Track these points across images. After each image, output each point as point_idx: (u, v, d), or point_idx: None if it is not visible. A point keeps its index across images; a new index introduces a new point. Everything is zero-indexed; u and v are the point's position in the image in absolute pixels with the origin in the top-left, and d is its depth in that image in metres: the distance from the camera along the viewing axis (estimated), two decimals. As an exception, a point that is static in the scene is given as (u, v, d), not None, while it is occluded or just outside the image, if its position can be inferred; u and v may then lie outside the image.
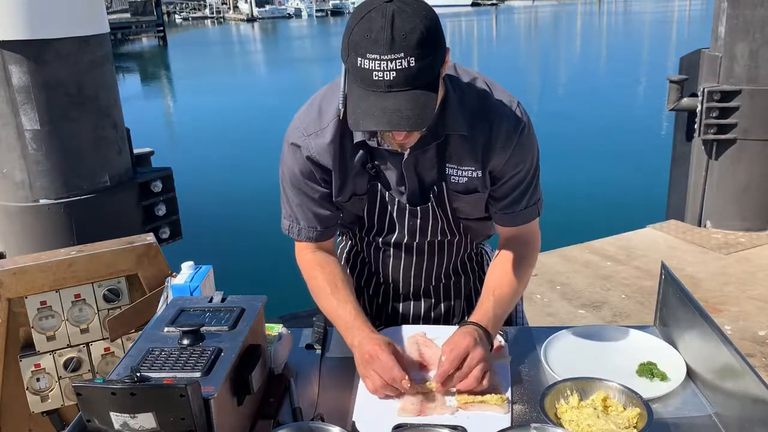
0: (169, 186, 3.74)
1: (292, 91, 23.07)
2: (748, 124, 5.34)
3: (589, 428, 1.31)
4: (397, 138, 1.43)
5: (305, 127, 1.61)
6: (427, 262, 1.81)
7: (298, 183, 1.66)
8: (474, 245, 1.88)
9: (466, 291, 1.93)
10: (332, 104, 1.57)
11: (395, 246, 1.78)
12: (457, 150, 1.59)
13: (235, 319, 1.41)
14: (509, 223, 1.71)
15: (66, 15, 3.22)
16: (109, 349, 2.23)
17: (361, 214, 1.73)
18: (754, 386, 1.23)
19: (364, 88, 1.31)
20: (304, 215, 1.70)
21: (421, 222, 1.69)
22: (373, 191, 1.66)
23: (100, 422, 1.17)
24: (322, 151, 1.59)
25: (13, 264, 2.09)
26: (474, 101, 1.57)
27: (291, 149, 1.63)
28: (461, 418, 1.39)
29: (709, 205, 5.72)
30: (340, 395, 1.51)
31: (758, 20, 5.16)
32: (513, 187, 1.66)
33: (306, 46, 45.69)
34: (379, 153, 1.61)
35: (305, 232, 1.72)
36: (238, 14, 79.07)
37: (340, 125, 1.56)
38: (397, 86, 1.29)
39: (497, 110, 1.58)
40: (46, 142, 3.24)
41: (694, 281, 4.67)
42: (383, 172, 1.64)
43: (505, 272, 1.67)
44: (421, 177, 1.63)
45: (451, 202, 1.66)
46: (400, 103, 1.29)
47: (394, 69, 1.27)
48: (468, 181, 1.62)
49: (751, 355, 3.75)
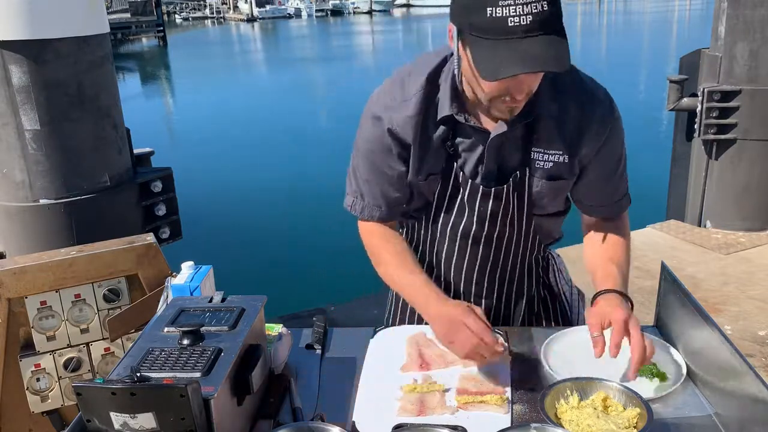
0: (169, 186, 3.73)
1: (293, 91, 23.10)
2: (748, 124, 5.34)
3: (589, 428, 1.31)
4: (517, 96, 1.40)
5: (388, 100, 1.59)
6: (492, 258, 1.75)
7: (373, 157, 1.63)
8: (542, 248, 1.83)
9: (528, 297, 1.87)
10: (416, 80, 1.57)
11: (461, 236, 1.71)
12: (546, 132, 1.56)
13: (235, 319, 1.41)
14: (605, 213, 1.70)
15: (66, 15, 3.22)
16: (109, 349, 2.23)
17: (431, 199, 1.68)
18: (754, 386, 1.23)
19: (496, 38, 1.30)
20: (371, 192, 1.67)
21: (493, 206, 1.63)
22: (447, 171, 1.62)
23: (100, 422, 1.17)
24: (404, 124, 1.57)
25: (13, 264, 2.09)
26: (567, 83, 1.55)
27: (371, 121, 1.61)
28: (461, 418, 1.39)
29: (709, 205, 5.72)
30: (340, 395, 1.51)
31: (758, 20, 5.16)
32: (608, 175, 1.64)
33: (306, 46, 45.69)
34: (463, 131, 1.58)
35: (369, 210, 1.69)
36: (238, 14, 79.03)
37: (424, 100, 1.55)
38: (533, 31, 1.28)
39: (591, 94, 1.56)
40: (46, 142, 3.24)
41: (694, 281, 4.67)
42: (461, 153, 1.60)
43: (613, 243, 1.67)
44: (504, 160, 1.59)
45: (532, 188, 1.61)
46: (539, 46, 1.29)
47: (530, 13, 1.27)
48: (554, 166, 1.59)
49: (751, 355, 3.75)
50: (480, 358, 1.46)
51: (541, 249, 1.83)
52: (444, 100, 1.55)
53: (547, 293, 1.92)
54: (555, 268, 1.92)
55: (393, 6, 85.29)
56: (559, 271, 1.94)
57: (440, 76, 1.58)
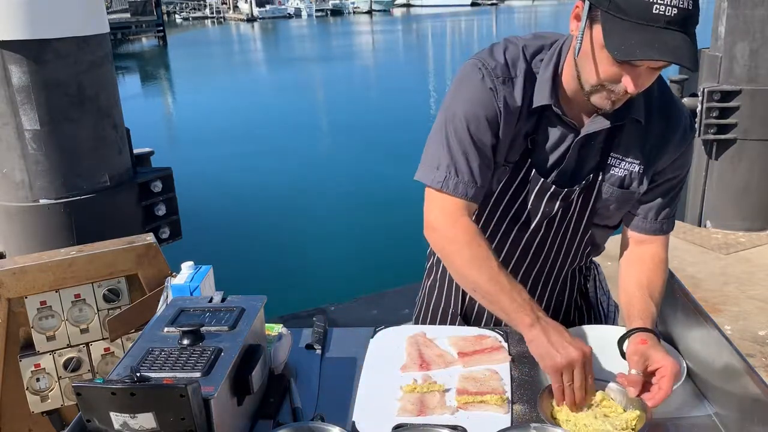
0: (169, 186, 3.73)
1: (292, 91, 23.09)
2: (748, 124, 5.34)
3: (585, 428, 1.31)
4: (629, 88, 1.35)
5: (493, 68, 1.51)
6: (540, 262, 1.71)
7: (476, 126, 1.50)
8: (585, 259, 1.80)
9: (567, 306, 1.84)
10: (518, 60, 1.52)
11: (515, 235, 1.67)
12: (628, 139, 1.54)
13: (235, 319, 1.41)
14: (651, 230, 1.64)
15: (66, 15, 3.22)
16: (109, 349, 2.23)
17: (494, 188, 1.61)
18: (754, 386, 1.23)
19: (636, 21, 1.28)
20: (468, 166, 1.52)
21: (559, 207, 1.60)
22: (521, 164, 1.57)
23: (100, 422, 1.17)
24: (510, 102, 1.50)
25: (13, 264, 2.09)
26: (656, 92, 1.54)
27: (479, 87, 1.51)
28: (461, 418, 1.39)
29: (709, 205, 5.72)
30: (340, 395, 1.51)
31: (758, 20, 5.16)
32: (668, 190, 1.62)
33: (306, 46, 45.70)
34: (551, 125, 1.54)
35: (464, 187, 1.52)
36: (238, 14, 79.04)
37: (527, 84, 1.51)
38: (675, 24, 1.27)
39: (676, 106, 1.56)
40: (46, 142, 3.23)
41: (694, 281, 4.67)
42: (540, 149, 1.56)
43: (653, 271, 1.60)
44: (582, 161, 1.57)
45: (601, 194, 1.59)
46: (677, 40, 1.28)
47: (677, 6, 1.27)
48: (628, 174, 1.57)
49: (751, 355, 3.75)
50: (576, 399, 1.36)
51: (585, 259, 1.80)
52: (543, 88, 1.51)
53: (584, 303, 1.89)
54: (596, 279, 1.90)
55: (393, 6, 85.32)
56: (599, 282, 1.91)
57: (534, 60, 1.54)
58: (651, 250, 1.65)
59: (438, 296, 1.90)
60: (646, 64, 1.33)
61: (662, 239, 1.66)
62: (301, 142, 15.28)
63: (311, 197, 11.09)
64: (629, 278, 1.62)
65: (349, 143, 14.51)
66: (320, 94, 23.20)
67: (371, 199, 10.82)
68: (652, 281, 1.59)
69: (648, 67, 1.34)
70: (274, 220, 10.17)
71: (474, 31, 52.58)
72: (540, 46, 1.55)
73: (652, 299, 1.55)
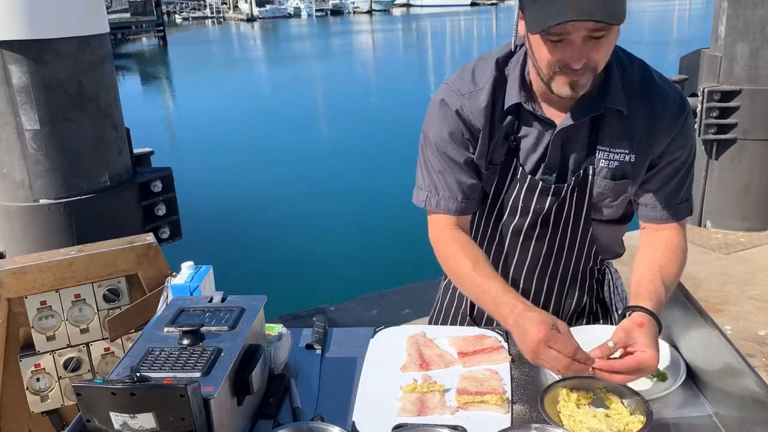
0: (169, 186, 3.73)
1: (292, 90, 23.09)
2: (748, 124, 5.34)
3: (581, 424, 1.31)
4: (574, 65, 1.36)
5: (457, 88, 1.59)
6: (543, 258, 1.70)
7: (444, 146, 1.61)
8: (598, 260, 1.76)
9: (579, 308, 1.82)
10: (487, 70, 1.58)
11: (513, 234, 1.68)
12: (612, 130, 1.53)
13: (235, 319, 1.41)
14: (662, 218, 1.61)
15: (66, 15, 3.22)
16: (109, 349, 2.23)
17: (488, 190, 1.65)
18: (754, 386, 1.23)
19: None
20: (446, 183, 1.63)
21: (551, 204, 1.60)
22: (507, 164, 1.60)
23: (100, 422, 1.17)
24: (477, 112, 1.56)
25: (13, 264, 2.09)
26: (636, 79, 1.53)
27: (441, 109, 1.60)
28: (461, 418, 1.39)
29: (709, 205, 5.72)
30: (340, 395, 1.51)
31: (758, 20, 5.16)
32: (670, 176, 1.59)
33: (306, 45, 45.68)
34: (528, 123, 1.57)
35: (445, 203, 1.63)
36: (238, 14, 79.05)
37: (493, 90, 1.55)
38: None
39: (661, 91, 1.54)
40: (46, 142, 3.23)
41: (694, 281, 4.67)
42: (523, 148, 1.59)
43: (667, 255, 1.56)
44: (568, 157, 1.57)
45: (593, 188, 1.58)
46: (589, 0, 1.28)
47: None
48: (619, 165, 1.55)
49: (751, 355, 3.75)
50: (578, 368, 1.34)
51: (597, 260, 1.77)
52: (512, 88, 1.55)
53: (599, 308, 1.87)
54: (611, 283, 1.85)
55: (392, 5, 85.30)
56: (614, 287, 1.87)
57: (508, 65, 1.58)
58: (665, 237, 1.62)
59: (451, 297, 1.94)
60: (572, 34, 1.32)
61: (676, 226, 1.63)
62: (301, 141, 15.27)
63: (311, 197, 11.08)
64: (641, 262, 1.59)
65: (350, 143, 14.53)
66: (321, 93, 23.21)
67: (371, 199, 10.82)
68: (663, 266, 1.55)
69: (585, 36, 1.33)
70: (274, 220, 10.16)
71: (474, 30, 52.58)
72: (509, 52, 1.60)
73: (663, 282, 1.50)
